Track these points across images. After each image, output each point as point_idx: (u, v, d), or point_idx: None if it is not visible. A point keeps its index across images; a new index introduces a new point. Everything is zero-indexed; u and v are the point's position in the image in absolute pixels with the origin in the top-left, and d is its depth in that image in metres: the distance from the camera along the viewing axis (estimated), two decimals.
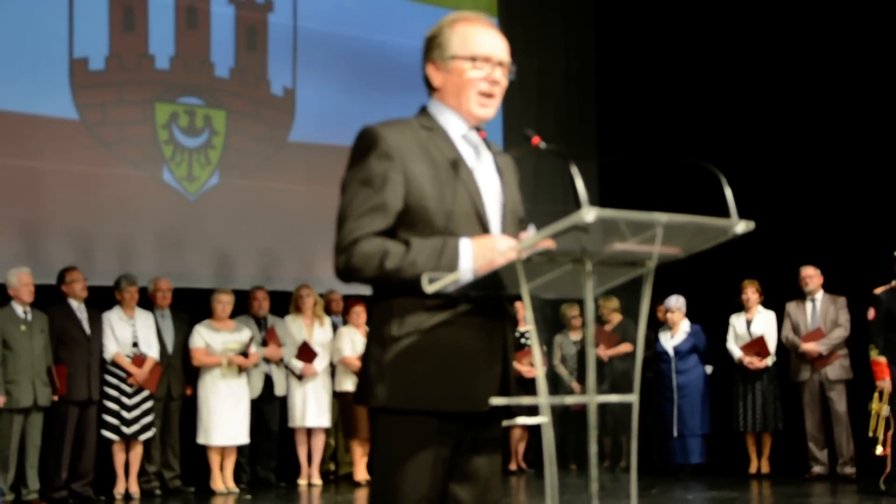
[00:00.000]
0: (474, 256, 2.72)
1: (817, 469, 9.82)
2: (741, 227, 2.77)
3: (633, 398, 2.79)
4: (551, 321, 11.14)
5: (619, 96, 12.55)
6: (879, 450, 8.22)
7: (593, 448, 2.67)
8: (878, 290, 8.52)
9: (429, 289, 2.68)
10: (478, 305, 2.80)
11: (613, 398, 2.87)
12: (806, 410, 9.89)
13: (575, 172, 2.58)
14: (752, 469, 10.11)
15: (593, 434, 2.67)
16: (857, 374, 9.48)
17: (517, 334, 10.61)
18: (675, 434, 10.28)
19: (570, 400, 2.77)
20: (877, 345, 8.38)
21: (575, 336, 11.03)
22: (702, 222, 2.70)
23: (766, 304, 10.37)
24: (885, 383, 8.26)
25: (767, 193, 11.39)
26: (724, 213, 2.77)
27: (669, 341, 10.55)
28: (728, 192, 2.78)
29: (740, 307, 10.45)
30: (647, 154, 11.77)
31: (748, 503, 8.18)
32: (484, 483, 2.88)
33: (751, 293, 10.35)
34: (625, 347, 10.71)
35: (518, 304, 2.91)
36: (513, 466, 10.65)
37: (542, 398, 2.65)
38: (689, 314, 10.66)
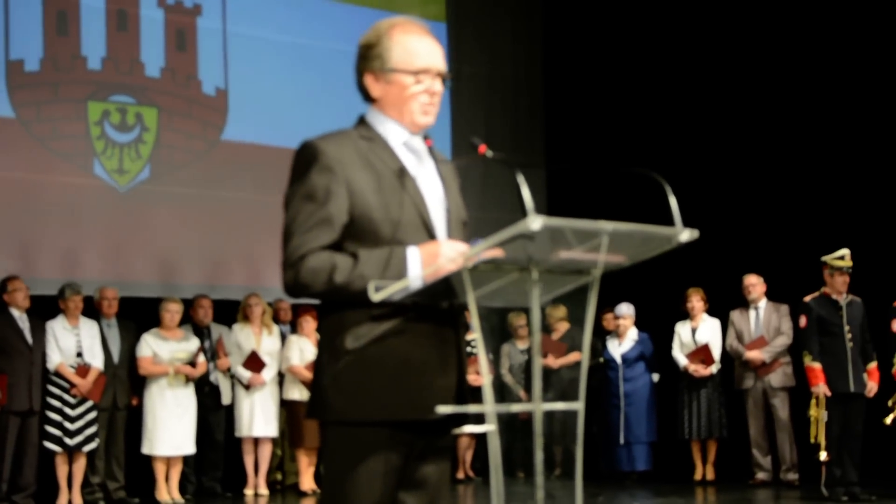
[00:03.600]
0: (422, 264, 2.73)
1: (761, 475, 9.93)
2: (685, 235, 2.79)
3: (578, 406, 2.81)
4: (498, 330, 11.17)
5: (567, 105, 12.62)
6: (823, 455, 8.32)
7: (539, 456, 2.68)
8: (808, 298, 8.65)
9: (375, 297, 2.69)
10: (428, 314, 2.80)
11: (559, 406, 2.88)
12: (749, 417, 10.00)
13: (521, 181, 2.59)
14: (698, 476, 10.20)
15: (539, 442, 2.68)
16: (799, 382, 9.59)
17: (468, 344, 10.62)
18: (622, 441, 10.35)
19: (516, 408, 2.78)
20: (810, 351, 8.49)
21: (522, 345, 11.06)
22: (647, 231, 2.73)
23: (711, 311, 10.47)
24: (819, 389, 8.37)
25: (712, 202, 11.50)
26: (670, 221, 2.79)
27: (617, 349, 10.63)
28: (672, 201, 2.80)
29: (685, 315, 10.54)
30: (593, 162, 11.85)
31: None
32: (433, 491, 2.88)
33: (696, 301, 10.44)
34: (573, 356, 10.76)
35: (466, 313, 2.91)
36: (460, 475, 10.66)
37: (488, 406, 2.65)
38: (636, 322, 10.74)
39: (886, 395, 8.69)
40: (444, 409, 2.75)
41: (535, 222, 2.48)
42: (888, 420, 8.61)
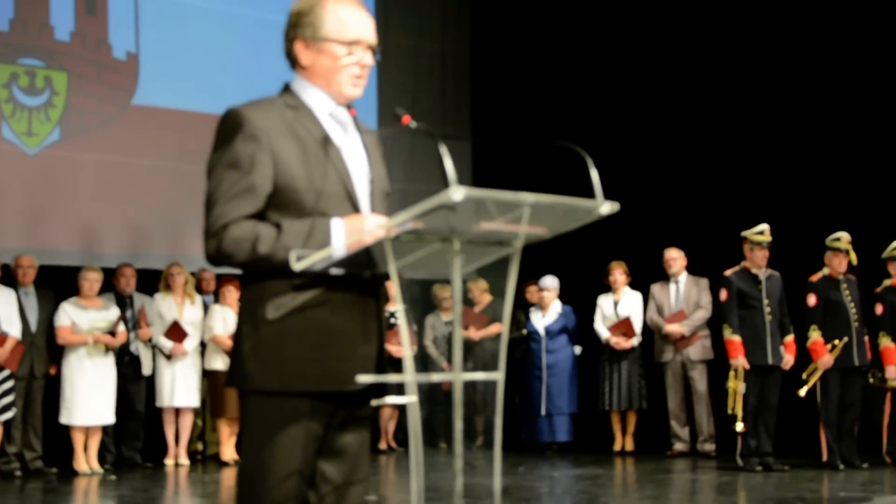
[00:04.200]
0: (345, 235, 2.72)
1: (679, 446, 10.11)
2: (606, 208, 2.81)
3: (498, 376, 2.82)
4: (422, 302, 11.20)
5: (494, 77, 12.63)
6: (740, 426, 8.48)
7: (459, 425, 2.70)
8: (729, 272, 8.79)
9: (297, 267, 2.68)
10: (350, 285, 2.80)
11: (479, 376, 2.90)
12: (668, 390, 10.17)
13: (444, 152, 2.60)
14: (617, 447, 10.35)
15: (459, 412, 2.69)
16: (717, 354, 9.76)
17: (387, 314, 10.65)
18: (543, 413, 10.45)
19: (436, 378, 2.79)
20: (730, 324, 8.65)
21: (446, 317, 11.10)
22: (568, 203, 2.75)
23: (634, 285, 10.59)
24: (738, 361, 8.53)
25: (635, 177, 11.63)
26: (593, 194, 2.82)
27: (541, 321, 10.71)
28: (594, 174, 2.83)
29: (608, 288, 10.65)
30: (517, 135, 11.89)
31: (612, 480, 8.36)
32: (352, 460, 2.89)
33: (618, 274, 10.56)
34: (495, 328, 10.84)
35: (388, 284, 2.92)
36: (383, 445, 10.70)
37: (409, 376, 2.67)
38: (560, 295, 10.82)
39: (801, 368, 8.88)
40: (364, 379, 2.76)
41: (457, 193, 2.49)
42: (802, 392, 8.81)
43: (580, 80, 12.21)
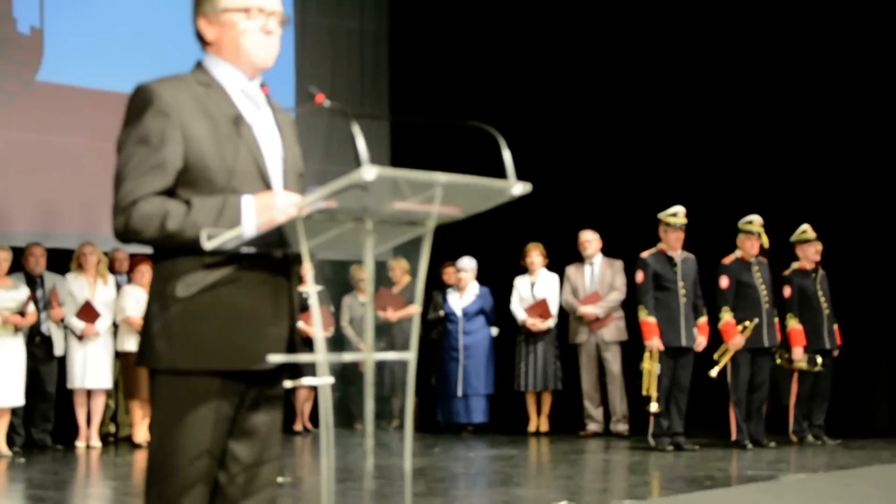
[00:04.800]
0: (256, 213, 2.70)
1: (592, 426, 10.23)
2: (518, 188, 2.82)
3: (409, 356, 2.83)
4: (340, 282, 11.16)
5: (413, 56, 12.59)
6: (654, 406, 8.60)
7: (370, 406, 2.70)
8: (645, 254, 8.89)
9: (207, 245, 2.66)
10: (262, 264, 2.79)
11: (390, 356, 2.90)
12: (582, 371, 10.27)
13: (356, 131, 2.59)
14: (532, 427, 10.43)
15: (370, 391, 2.69)
16: (631, 335, 9.88)
17: (303, 295, 10.59)
18: (460, 394, 10.49)
19: (347, 357, 2.79)
20: (646, 306, 8.75)
21: (364, 298, 11.08)
22: (480, 183, 2.75)
23: (551, 267, 10.66)
24: (653, 343, 8.64)
25: (552, 159, 11.71)
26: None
27: (458, 302, 10.73)
28: (506, 154, 2.83)
29: (525, 270, 10.71)
30: (437, 115, 11.88)
31: (526, 460, 8.43)
32: (263, 440, 2.88)
33: (535, 256, 10.61)
34: (412, 309, 10.84)
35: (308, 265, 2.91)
36: (298, 427, 10.65)
37: (320, 356, 2.66)
38: (477, 277, 10.86)
39: (713, 349, 9.03)
40: (275, 359, 2.74)
41: (369, 172, 2.48)
42: (713, 373, 8.96)
43: (498, 61, 12.24)
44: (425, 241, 2.87)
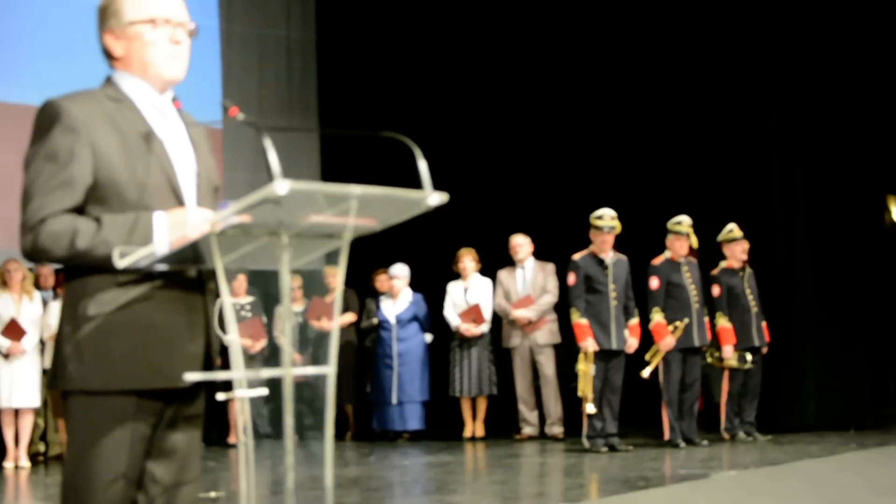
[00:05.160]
0: (169, 230, 2.67)
1: (527, 430, 10.26)
2: (434, 199, 2.81)
3: (328, 370, 2.80)
4: (273, 293, 11.08)
5: (341, 67, 12.56)
6: (590, 408, 8.63)
7: (289, 420, 2.68)
8: (576, 256, 8.93)
9: (120, 264, 2.62)
10: (176, 281, 2.75)
11: (309, 370, 2.89)
12: (516, 374, 10.30)
13: (267, 145, 2.57)
14: (467, 433, 10.44)
15: (289, 406, 2.67)
16: (565, 338, 9.92)
17: (237, 307, 10.52)
18: (395, 401, 10.46)
19: (265, 374, 2.76)
20: (578, 308, 8.79)
21: (296, 307, 11.02)
22: (396, 195, 2.74)
23: (483, 272, 10.67)
24: (587, 344, 8.67)
25: (483, 164, 11.75)
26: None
27: (391, 309, 10.71)
28: (422, 165, 2.83)
29: (457, 275, 10.71)
30: (365, 125, 11.84)
31: (462, 466, 8.43)
32: (182, 460, 2.84)
33: (467, 262, 10.61)
34: (347, 318, 10.82)
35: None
36: (233, 439, 10.56)
37: (235, 373, 2.63)
38: (411, 283, 10.84)
39: (645, 350, 9.09)
40: (191, 377, 2.71)
41: (282, 186, 2.46)
42: (645, 373, 9.03)
43: (427, 68, 12.25)
44: (342, 253, 2.85)
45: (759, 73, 10.73)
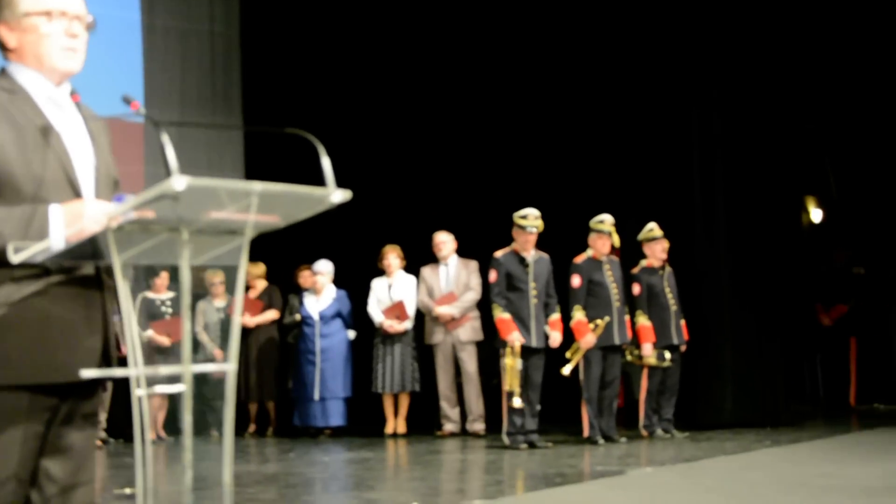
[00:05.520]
0: (65, 224, 2.63)
1: (449, 427, 10.28)
2: (338, 196, 2.81)
3: (229, 367, 2.79)
4: (194, 287, 10.96)
5: (265, 60, 12.45)
6: (517, 402, 8.65)
7: (188, 418, 2.66)
8: (498, 254, 8.96)
9: (14, 259, 2.58)
10: (73, 275, 2.72)
11: (209, 367, 2.87)
12: (439, 371, 10.31)
13: (165, 141, 2.55)
14: (389, 429, 10.43)
15: (188, 404, 2.66)
16: (487, 335, 9.95)
17: (158, 302, 10.40)
18: (317, 397, 10.42)
19: (163, 371, 2.73)
20: (499, 304, 8.82)
21: (218, 303, 10.94)
22: (297, 191, 2.73)
23: (408, 269, 10.68)
24: (513, 337, 8.68)
25: (409, 160, 11.76)
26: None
27: (315, 306, 10.66)
28: (325, 162, 2.83)
29: (382, 272, 10.70)
30: (290, 121, 11.75)
31: (382, 463, 8.42)
32: (78, 459, 2.81)
33: (392, 258, 10.60)
34: (269, 315, 10.78)
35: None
36: (151, 436, 10.44)
37: (132, 370, 2.61)
38: (335, 280, 10.80)
39: (566, 348, 9.16)
40: (88, 374, 2.67)
41: (179, 182, 2.44)
42: (566, 371, 9.09)
43: (353, 65, 12.21)
44: (243, 250, 2.84)
45: (680, 73, 10.86)
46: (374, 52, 12.19)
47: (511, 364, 8.68)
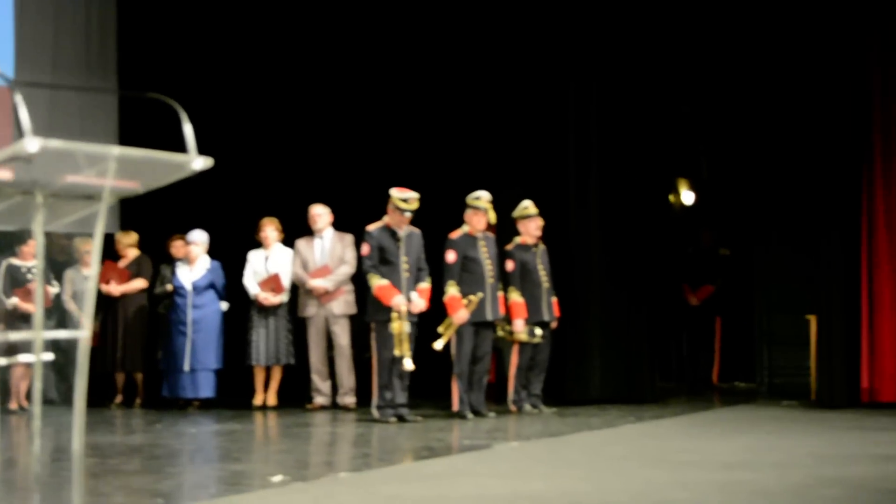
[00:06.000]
0: None
1: (320, 400, 10.27)
2: (199, 163, 2.79)
3: (82, 334, 2.75)
4: (62, 259, 10.73)
5: (143, 25, 12.18)
6: (408, 364, 8.66)
7: (38, 385, 2.62)
8: (371, 227, 8.96)
9: None
10: None
11: (62, 334, 2.83)
12: (311, 344, 10.28)
13: (19, 101, 2.49)
14: (258, 401, 10.37)
15: (38, 371, 2.61)
16: (360, 309, 9.94)
17: (25, 269, 10.14)
18: (187, 368, 10.29)
19: (12, 337, 2.68)
20: (375, 273, 8.79)
21: (88, 271, 10.71)
22: (157, 157, 2.71)
23: (285, 242, 10.60)
24: (397, 301, 8.66)
25: (285, 133, 11.67)
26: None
27: (188, 276, 10.52)
28: (188, 129, 2.80)
29: (259, 244, 10.60)
30: (163, 83, 11.55)
31: (250, 435, 8.38)
32: None
33: (269, 231, 10.51)
34: (137, 283, 10.61)
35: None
36: (13, 406, 10.19)
37: None
38: (209, 251, 10.66)
39: (439, 321, 9.21)
40: None
41: (32, 144, 2.39)
42: (438, 345, 9.14)
43: (232, 32, 12.04)
44: (100, 214, 2.79)
45: (557, 53, 10.98)
46: (256, 21, 12.03)
47: (398, 329, 8.70)
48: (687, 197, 14.77)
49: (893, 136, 10.07)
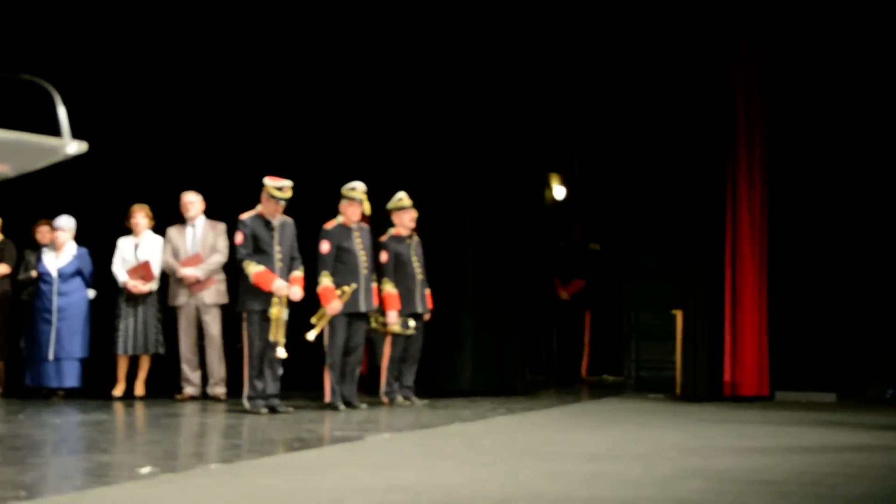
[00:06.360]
0: None
1: (189, 390, 10.13)
2: (73, 147, 2.72)
3: None
4: None
5: (14, 5, 11.78)
6: (281, 352, 8.61)
7: None
8: (244, 216, 8.87)
9: None
10: None
11: None
12: (181, 334, 10.14)
13: None
14: (118, 392, 10.17)
15: None
16: (232, 298, 9.84)
17: None
18: (51, 357, 10.04)
19: None
20: (251, 261, 8.70)
21: None
22: (28, 140, 2.63)
23: (156, 229, 10.41)
24: (278, 286, 8.59)
25: (159, 120, 11.47)
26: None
27: (54, 262, 10.26)
28: (61, 112, 2.73)
29: (130, 231, 10.40)
30: (36, 70, 11.23)
31: (117, 424, 8.22)
32: None
33: (140, 218, 10.33)
34: (1, 269, 10.31)
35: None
36: None
37: None
38: (76, 237, 10.41)
39: (312, 313, 9.17)
40: None
41: None
42: (311, 336, 9.11)
43: (104, 17, 11.75)
44: None
45: (432, 46, 11.02)
46: (131, 4, 11.76)
47: (277, 314, 8.63)
48: (558, 192, 14.99)
49: (756, 131, 10.40)
